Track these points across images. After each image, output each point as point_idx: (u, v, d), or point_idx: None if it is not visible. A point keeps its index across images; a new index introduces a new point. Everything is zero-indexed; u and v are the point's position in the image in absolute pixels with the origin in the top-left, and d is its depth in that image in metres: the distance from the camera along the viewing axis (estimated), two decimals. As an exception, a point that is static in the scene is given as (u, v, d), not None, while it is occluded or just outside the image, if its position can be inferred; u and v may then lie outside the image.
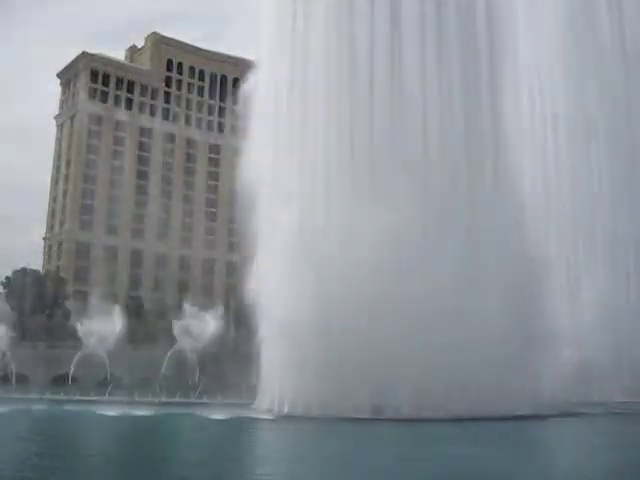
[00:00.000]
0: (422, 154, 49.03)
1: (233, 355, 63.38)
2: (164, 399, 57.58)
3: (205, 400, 54.44)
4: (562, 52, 67.23)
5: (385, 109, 49.74)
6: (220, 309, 65.90)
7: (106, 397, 56.21)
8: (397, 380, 41.74)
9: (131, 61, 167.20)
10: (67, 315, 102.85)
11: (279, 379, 46.38)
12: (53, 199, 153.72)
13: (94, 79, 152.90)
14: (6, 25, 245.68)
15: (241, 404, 50.21)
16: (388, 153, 48.69)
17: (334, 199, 48.94)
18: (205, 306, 68.47)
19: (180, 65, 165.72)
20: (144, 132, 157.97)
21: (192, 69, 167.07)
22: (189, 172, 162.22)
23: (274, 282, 47.55)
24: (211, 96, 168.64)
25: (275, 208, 49.75)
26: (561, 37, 66.92)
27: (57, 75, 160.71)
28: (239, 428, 40.01)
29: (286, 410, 44.73)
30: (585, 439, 36.57)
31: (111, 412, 43.14)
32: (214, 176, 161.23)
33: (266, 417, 43.44)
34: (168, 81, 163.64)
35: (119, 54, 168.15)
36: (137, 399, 55.73)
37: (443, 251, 45.70)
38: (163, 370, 65.00)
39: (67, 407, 49.33)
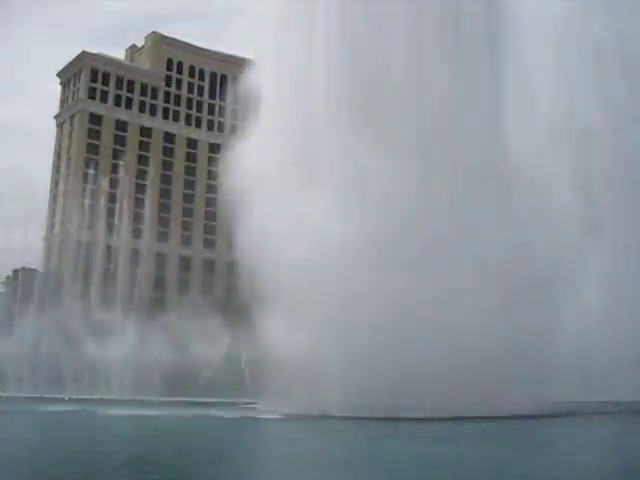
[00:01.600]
0: (420, 153, 49.07)
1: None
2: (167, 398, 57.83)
3: (210, 399, 54.68)
4: (560, 52, 67.22)
5: (387, 109, 49.77)
6: None
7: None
8: (414, 380, 41.69)
9: (131, 60, 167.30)
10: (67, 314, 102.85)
11: (298, 378, 46.12)
12: (53, 199, 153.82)
13: (94, 78, 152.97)
14: (6, 24, 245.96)
15: (243, 404, 50.34)
16: (390, 152, 48.75)
17: (333, 202, 49.03)
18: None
19: (180, 64, 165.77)
20: (144, 131, 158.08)
21: (192, 68, 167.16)
22: (189, 171, 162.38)
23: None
24: (211, 95, 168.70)
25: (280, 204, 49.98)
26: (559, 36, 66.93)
27: (57, 74, 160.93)
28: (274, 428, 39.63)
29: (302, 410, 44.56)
30: (595, 439, 36.58)
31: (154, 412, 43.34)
32: (214, 175, 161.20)
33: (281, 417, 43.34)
34: (168, 80, 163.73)
35: (119, 54, 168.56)
36: (139, 398, 56.09)
37: (442, 251, 45.78)
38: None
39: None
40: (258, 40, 59.50)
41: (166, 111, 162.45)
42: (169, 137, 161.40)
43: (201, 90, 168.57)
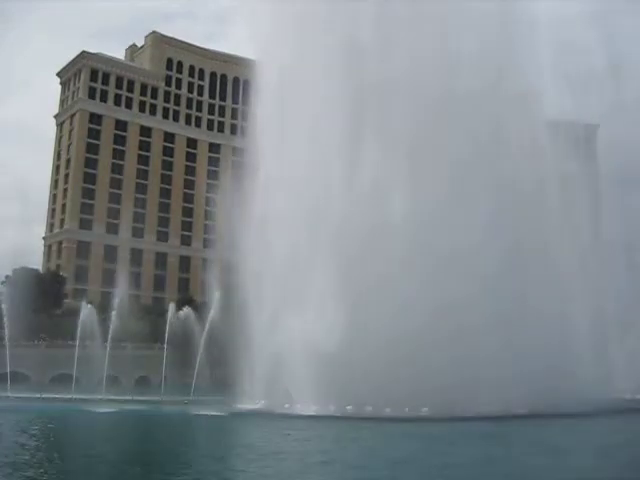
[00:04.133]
0: (420, 153, 49.40)
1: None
2: (164, 397, 57.92)
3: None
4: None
5: (389, 108, 50.00)
6: None
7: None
8: (425, 380, 42.05)
9: (131, 60, 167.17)
10: (67, 314, 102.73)
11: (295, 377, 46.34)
12: (53, 198, 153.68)
13: (94, 78, 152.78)
14: (6, 23, 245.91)
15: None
16: (396, 150, 49.12)
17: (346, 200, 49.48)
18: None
19: (180, 64, 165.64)
20: (144, 131, 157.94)
21: (192, 68, 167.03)
22: (189, 171, 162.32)
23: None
24: (211, 95, 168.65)
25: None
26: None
27: (57, 74, 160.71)
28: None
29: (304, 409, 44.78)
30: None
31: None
32: (214, 175, 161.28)
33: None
34: (168, 80, 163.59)
35: (119, 53, 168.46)
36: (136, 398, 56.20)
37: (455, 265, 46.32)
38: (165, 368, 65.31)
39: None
40: (258, 40, 59.52)
41: (166, 111, 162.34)
42: (169, 137, 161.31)
43: (201, 90, 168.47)
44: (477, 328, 43.78)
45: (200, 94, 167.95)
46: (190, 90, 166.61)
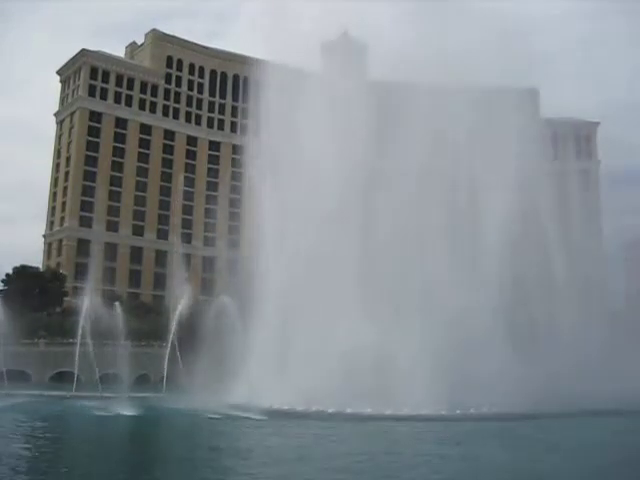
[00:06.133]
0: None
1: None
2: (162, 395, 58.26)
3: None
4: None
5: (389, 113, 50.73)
6: None
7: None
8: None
9: (131, 58, 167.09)
10: (67, 312, 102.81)
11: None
12: (53, 196, 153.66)
13: (94, 76, 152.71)
14: (6, 21, 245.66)
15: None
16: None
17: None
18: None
19: (180, 62, 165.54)
20: (144, 129, 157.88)
21: (192, 66, 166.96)
22: (189, 169, 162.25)
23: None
24: (211, 93, 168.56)
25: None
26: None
27: (57, 72, 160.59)
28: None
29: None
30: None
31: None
32: (214, 173, 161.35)
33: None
34: (168, 78, 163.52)
35: (119, 51, 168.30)
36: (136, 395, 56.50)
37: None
38: (165, 366, 65.54)
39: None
40: (257, 39, 59.77)
41: (166, 108, 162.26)
42: (169, 134, 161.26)
43: (201, 88, 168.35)
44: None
45: (200, 92, 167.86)
46: (190, 88, 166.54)
